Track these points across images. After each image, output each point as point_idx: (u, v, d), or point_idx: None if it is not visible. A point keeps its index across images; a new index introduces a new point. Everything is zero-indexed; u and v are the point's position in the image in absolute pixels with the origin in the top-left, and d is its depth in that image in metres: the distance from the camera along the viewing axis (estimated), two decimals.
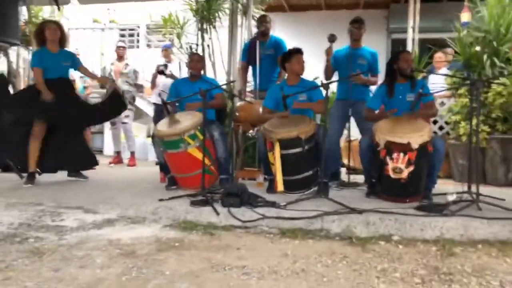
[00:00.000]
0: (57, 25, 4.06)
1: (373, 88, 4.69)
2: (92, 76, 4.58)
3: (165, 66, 5.58)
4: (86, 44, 7.95)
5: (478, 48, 4.69)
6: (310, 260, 2.12)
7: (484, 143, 4.34)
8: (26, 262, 2.04)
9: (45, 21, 4.27)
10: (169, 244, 2.34)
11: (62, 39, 4.06)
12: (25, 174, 4.01)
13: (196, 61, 4.07)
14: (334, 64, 4.13)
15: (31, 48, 6.53)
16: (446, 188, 3.53)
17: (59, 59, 4.00)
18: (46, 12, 6.64)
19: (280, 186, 3.27)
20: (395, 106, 3.42)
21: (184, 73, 5.77)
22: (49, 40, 3.96)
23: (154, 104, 6.25)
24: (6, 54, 6.45)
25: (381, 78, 4.08)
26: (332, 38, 3.91)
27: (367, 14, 6.65)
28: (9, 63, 6.55)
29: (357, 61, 4.02)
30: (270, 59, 4.47)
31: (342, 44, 4.10)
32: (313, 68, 4.91)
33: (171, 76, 5.42)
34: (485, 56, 4.59)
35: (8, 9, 4.87)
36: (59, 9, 5.65)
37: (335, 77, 4.22)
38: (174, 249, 2.27)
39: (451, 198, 2.91)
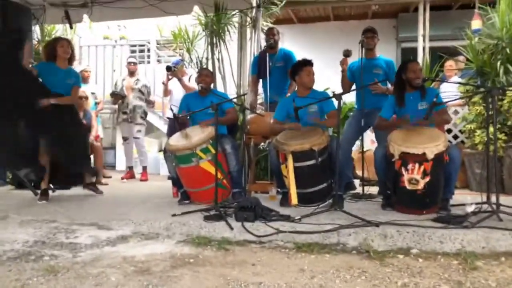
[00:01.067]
0: (69, 43, 4.11)
1: None
2: (71, 99, 4.16)
3: (174, 67, 5.50)
4: (98, 61, 8.06)
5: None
6: (328, 276, 2.07)
7: (501, 151, 4.25)
8: (41, 280, 2.04)
9: (57, 38, 4.31)
10: (183, 261, 2.32)
11: (71, 57, 4.11)
12: (39, 191, 4.04)
13: (205, 75, 4.08)
14: (350, 76, 4.12)
15: None
16: (464, 198, 3.45)
17: (65, 76, 4.00)
18: (59, 30, 6.75)
19: (294, 199, 3.24)
20: (409, 119, 3.37)
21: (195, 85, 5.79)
22: (60, 57, 4.00)
23: (168, 118, 6.27)
24: None
25: None
26: (347, 53, 3.91)
27: (375, 24, 6.61)
28: None
29: (372, 71, 3.99)
30: (280, 72, 4.47)
31: (354, 55, 4.09)
32: (323, 78, 4.90)
33: (176, 75, 5.35)
34: (498, 63, 4.53)
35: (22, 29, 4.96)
36: (71, 27, 5.74)
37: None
38: (189, 266, 2.24)
39: (470, 209, 2.84)
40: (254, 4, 5.13)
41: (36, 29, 5.98)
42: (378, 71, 4.02)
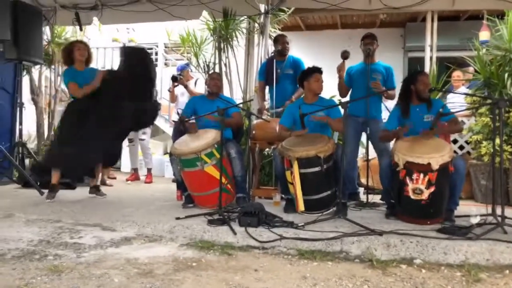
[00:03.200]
0: (85, 45, 4.20)
1: (388, 105, 4.65)
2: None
3: (179, 75, 5.49)
4: (106, 63, 8.13)
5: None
6: (330, 284, 2.07)
7: (506, 163, 4.23)
8: (45, 280, 2.05)
9: (74, 41, 4.38)
10: (186, 264, 2.33)
11: (88, 58, 4.18)
12: (45, 190, 4.07)
13: (216, 79, 4.12)
14: (348, 80, 4.10)
15: (53, 67, 6.70)
16: (469, 210, 3.44)
17: (88, 77, 4.09)
18: (69, 32, 6.82)
19: (301, 206, 3.24)
20: (411, 128, 3.35)
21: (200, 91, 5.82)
22: (78, 60, 4.07)
23: (174, 121, 6.30)
24: (29, 73, 6.63)
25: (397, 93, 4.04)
26: (345, 55, 3.90)
27: (383, 33, 6.68)
28: (31, 81, 6.72)
29: (371, 76, 3.98)
30: (289, 79, 4.48)
31: (356, 60, 4.10)
32: (330, 86, 4.90)
33: (182, 83, 5.36)
34: (506, 75, 4.52)
35: (32, 29, 5.03)
36: (81, 29, 5.81)
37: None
38: (192, 269, 2.25)
39: (474, 220, 2.82)
40: (263, 11, 5.16)
41: (46, 30, 6.06)
42: (377, 76, 4.00)
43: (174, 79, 5.28)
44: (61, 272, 2.15)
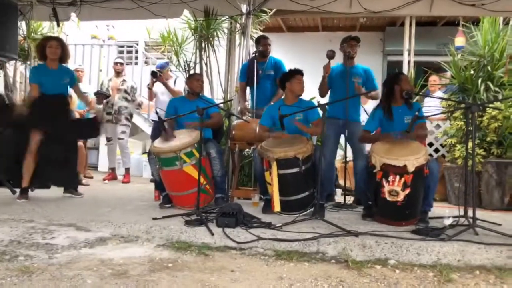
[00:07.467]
0: (59, 42, 4.05)
1: (367, 107, 4.71)
2: (80, 96, 4.51)
3: (159, 71, 5.39)
4: (85, 60, 7.97)
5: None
6: (306, 284, 2.08)
7: (479, 166, 4.36)
8: (15, 281, 2.00)
9: (47, 38, 4.23)
10: (162, 265, 2.30)
11: (64, 56, 4.06)
12: (17, 189, 3.96)
13: (201, 80, 4.14)
14: (328, 82, 4.14)
15: (28, 63, 6.53)
16: (442, 211, 3.52)
17: (58, 76, 3.99)
18: (46, 28, 6.66)
19: (277, 206, 3.25)
20: (393, 129, 3.39)
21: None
22: (49, 58, 3.96)
23: (152, 121, 6.24)
24: (3, 68, 6.44)
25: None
26: (331, 55, 3.94)
27: (363, 36, 6.69)
28: (6, 77, 6.53)
29: (351, 79, 4.03)
30: (270, 80, 4.51)
31: (335, 61, 4.14)
32: (309, 88, 4.93)
33: (161, 80, 5.26)
34: (479, 80, 4.65)
35: (7, 24, 4.89)
36: (58, 25, 5.68)
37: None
38: (167, 270, 2.22)
39: (447, 222, 2.89)
40: (244, 11, 5.16)
41: (22, 25, 5.90)
42: (357, 79, 4.06)
43: (154, 74, 5.17)
44: (32, 273, 2.10)
